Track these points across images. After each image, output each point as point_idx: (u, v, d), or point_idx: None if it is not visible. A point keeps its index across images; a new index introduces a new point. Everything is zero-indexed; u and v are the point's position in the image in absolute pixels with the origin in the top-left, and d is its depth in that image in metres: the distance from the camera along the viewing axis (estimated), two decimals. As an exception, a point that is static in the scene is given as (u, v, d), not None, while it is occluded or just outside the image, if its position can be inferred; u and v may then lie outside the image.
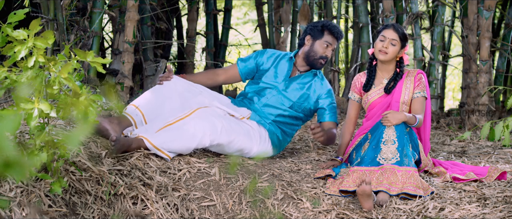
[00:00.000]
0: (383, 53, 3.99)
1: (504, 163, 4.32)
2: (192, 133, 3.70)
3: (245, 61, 4.28)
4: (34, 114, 2.65)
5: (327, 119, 4.19)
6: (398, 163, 3.65)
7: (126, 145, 3.62)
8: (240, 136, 3.88)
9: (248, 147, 3.94)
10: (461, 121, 5.85)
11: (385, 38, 4.00)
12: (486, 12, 5.63)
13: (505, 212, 3.32)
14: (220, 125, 3.78)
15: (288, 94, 4.17)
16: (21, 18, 2.84)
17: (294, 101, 4.16)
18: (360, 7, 6.09)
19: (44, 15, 4.80)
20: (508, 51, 6.03)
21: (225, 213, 3.44)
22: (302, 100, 4.18)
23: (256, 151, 3.98)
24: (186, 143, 3.70)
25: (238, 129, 3.89)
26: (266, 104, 4.15)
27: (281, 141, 4.15)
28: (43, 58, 2.74)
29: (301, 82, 4.21)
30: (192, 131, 3.71)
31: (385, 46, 3.99)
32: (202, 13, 6.89)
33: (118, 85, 5.18)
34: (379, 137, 3.76)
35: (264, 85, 4.20)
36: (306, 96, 4.19)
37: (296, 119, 4.21)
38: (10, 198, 2.85)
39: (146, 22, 5.76)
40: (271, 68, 4.23)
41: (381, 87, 4.07)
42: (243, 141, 3.89)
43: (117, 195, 3.26)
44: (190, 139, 3.70)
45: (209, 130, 3.73)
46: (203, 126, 3.73)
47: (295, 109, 4.18)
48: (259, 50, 4.34)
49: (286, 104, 4.15)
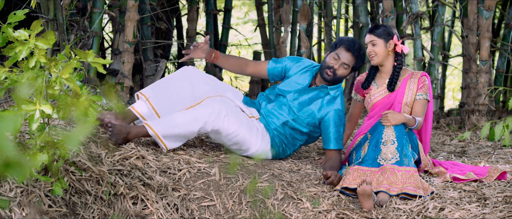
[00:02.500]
0: (372, 58, 4.04)
1: (504, 163, 4.32)
2: (195, 117, 3.72)
3: (276, 62, 4.21)
4: (36, 116, 2.65)
5: (330, 147, 4.00)
6: (398, 163, 3.66)
7: (123, 131, 3.63)
8: (242, 129, 3.83)
9: (247, 144, 3.90)
10: (461, 121, 5.85)
11: (367, 44, 4.05)
12: (486, 12, 5.63)
13: (505, 212, 3.32)
14: (225, 112, 3.77)
15: (294, 106, 4.05)
16: (21, 18, 2.84)
17: (298, 115, 4.04)
18: (360, 7, 6.09)
19: (44, 15, 4.80)
20: (508, 51, 6.03)
21: (225, 213, 3.44)
22: (305, 115, 4.04)
23: (255, 151, 3.95)
24: (189, 126, 3.71)
25: (242, 122, 3.85)
26: (271, 112, 4.07)
27: (280, 152, 4.07)
28: (44, 58, 2.74)
29: (312, 96, 4.07)
30: (196, 115, 3.73)
31: (369, 51, 4.04)
32: (202, 13, 6.89)
33: (118, 85, 5.18)
34: (378, 137, 3.77)
35: (278, 92, 4.13)
36: (310, 112, 4.03)
37: (300, 133, 4.07)
38: (10, 198, 2.85)
39: (146, 22, 5.76)
40: (294, 77, 4.15)
41: (384, 88, 4.08)
42: (244, 135, 3.85)
43: (117, 195, 3.26)
44: (193, 121, 3.71)
45: (212, 115, 3.74)
46: (207, 110, 3.74)
47: (299, 122, 4.05)
48: (294, 56, 4.28)
49: (290, 116, 4.05)
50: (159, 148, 3.81)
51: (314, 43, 6.94)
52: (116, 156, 3.49)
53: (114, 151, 3.54)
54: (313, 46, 6.71)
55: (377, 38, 4.01)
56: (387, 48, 4.02)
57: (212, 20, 6.65)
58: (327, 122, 4.01)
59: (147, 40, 5.74)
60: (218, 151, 3.96)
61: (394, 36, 4.02)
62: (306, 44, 6.02)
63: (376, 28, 4.05)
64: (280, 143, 4.04)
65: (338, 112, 4.01)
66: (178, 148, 3.86)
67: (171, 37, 6.63)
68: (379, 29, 4.04)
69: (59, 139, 2.82)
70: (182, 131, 3.72)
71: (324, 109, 4.02)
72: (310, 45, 6.20)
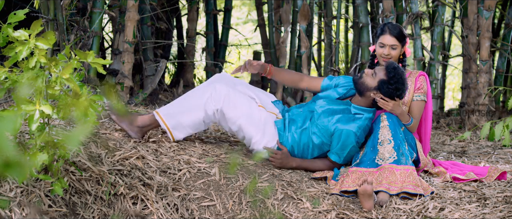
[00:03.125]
0: (385, 59, 3.99)
1: (504, 163, 4.32)
2: (196, 102, 3.85)
3: (330, 79, 4.13)
4: (36, 116, 2.65)
5: (330, 156, 3.91)
6: (396, 162, 3.66)
7: (130, 119, 3.85)
8: (243, 116, 3.83)
9: (249, 132, 3.86)
10: (461, 121, 5.85)
11: (384, 45, 4.00)
12: (486, 12, 5.63)
13: (505, 212, 3.32)
14: (224, 93, 3.81)
15: (317, 112, 3.94)
16: (21, 18, 2.84)
17: (317, 122, 3.90)
18: (360, 7, 6.09)
19: (44, 15, 4.80)
20: (508, 51, 6.03)
21: (225, 213, 3.44)
22: (322, 123, 3.89)
23: (258, 143, 3.89)
24: (192, 114, 3.84)
25: (243, 108, 3.85)
26: (295, 115, 4.00)
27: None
28: (44, 58, 2.74)
29: (338, 109, 3.92)
30: (196, 97, 3.86)
31: (386, 53, 3.99)
32: (202, 13, 6.89)
33: (118, 85, 5.18)
34: (374, 138, 3.77)
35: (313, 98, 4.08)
36: (326, 123, 3.88)
37: (313, 143, 3.93)
38: (10, 198, 2.85)
39: (146, 22, 5.76)
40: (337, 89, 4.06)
41: None
42: (245, 121, 3.84)
43: (117, 195, 3.26)
44: (196, 109, 3.83)
45: (212, 95, 3.82)
46: (206, 89, 3.85)
47: (315, 127, 3.91)
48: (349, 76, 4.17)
49: (309, 121, 3.94)
50: (159, 147, 3.81)
51: (314, 43, 6.94)
52: (116, 156, 3.49)
53: (114, 151, 3.54)
54: (313, 46, 6.70)
55: (399, 43, 4.00)
56: (401, 52, 4.03)
57: (212, 20, 6.65)
58: (335, 136, 3.86)
59: (147, 40, 5.74)
60: (218, 151, 3.96)
61: (407, 40, 4.04)
62: (306, 44, 6.02)
63: (400, 33, 4.00)
64: (291, 151, 3.95)
65: (349, 133, 3.81)
66: (178, 148, 3.86)
67: (171, 37, 6.63)
68: (402, 34, 4.01)
69: (59, 139, 2.82)
70: (188, 120, 3.86)
71: (340, 124, 3.85)
72: (310, 45, 6.20)
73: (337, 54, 6.15)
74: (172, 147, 3.85)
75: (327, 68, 6.24)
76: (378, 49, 4.02)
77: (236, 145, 4.16)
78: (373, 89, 3.80)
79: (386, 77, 3.76)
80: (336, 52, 6.13)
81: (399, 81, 3.75)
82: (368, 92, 3.82)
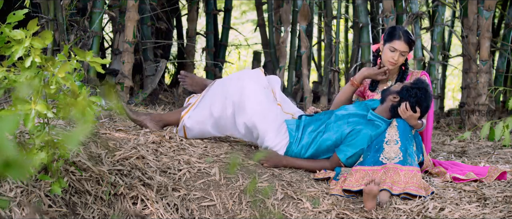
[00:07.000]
0: (393, 64, 4.01)
1: (504, 163, 4.32)
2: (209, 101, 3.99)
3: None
4: (31, 115, 2.64)
5: (337, 152, 3.86)
6: (401, 162, 3.65)
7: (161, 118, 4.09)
8: (258, 112, 3.86)
9: (263, 129, 3.86)
10: (461, 121, 5.85)
11: (396, 50, 4.01)
12: (486, 12, 5.63)
13: (505, 212, 3.31)
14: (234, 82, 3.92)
15: (333, 120, 3.89)
16: (21, 18, 2.84)
17: (332, 125, 3.88)
18: (360, 7, 6.09)
19: (44, 15, 4.80)
20: (508, 51, 6.02)
21: (225, 213, 3.44)
22: (335, 128, 3.87)
23: (270, 143, 3.89)
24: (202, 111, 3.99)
25: (263, 102, 3.88)
26: (310, 123, 3.96)
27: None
28: (39, 58, 2.73)
29: (357, 117, 3.89)
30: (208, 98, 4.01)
31: (395, 59, 4.01)
32: (202, 13, 6.89)
33: (118, 85, 5.18)
34: (381, 138, 3.75)
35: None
36: (338, 128, 3.86)
37: (322, 150, 3.91)
38: (10, 198, 2.85)
39: (146, 22, 5.76)
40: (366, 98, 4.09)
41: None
42: (259, 117, 3.85)
43: (117, 195, 3.26)
44: (207, 105, 3.97)
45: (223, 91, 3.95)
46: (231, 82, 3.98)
47: (327, 132, 3.88)
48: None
49: (323, 125, 3.92)
50: (159, 147, 3.81)
51: (314, 43, 6.94)
52: (116, 156, 3.49)
53: (114, 151, 3.54)
54: (313, 46, 6.70)
55: (409, 50, 4.04)
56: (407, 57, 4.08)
57: (212, 20, 6.65)
58: (351, 134, 3.81)
59: (147, 40, 5.74)
60: (218, 151, 3.96)
61: (413, 47, 4.09)
62: (306, 44, 6.02)
63: (412, 41, 4.04)
64: (300, 152, 3.92)
65: (365, 134, 3.78)
66: (178, 148, 3.86)
67: (171, 37, 6.64)
68: (413, 41, 4.05)
69: (59, 138, 2.82)
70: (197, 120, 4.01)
71: (358, 126, 3.82)
72: (310, 45, 6.20)
73: (337, 54, 6.15)
74: (172, 147, 3.85)
75: (327, 68, 6.24)
76: (387, 52, 4.01)
77: (236, 145, 4.16)
78: (394, 93, 3.81)
79: (410, 84, 3.80)
80: (336, 52, 6.12)
81: (422, 91, 3.75)
82: (389, 95, 3.83)
